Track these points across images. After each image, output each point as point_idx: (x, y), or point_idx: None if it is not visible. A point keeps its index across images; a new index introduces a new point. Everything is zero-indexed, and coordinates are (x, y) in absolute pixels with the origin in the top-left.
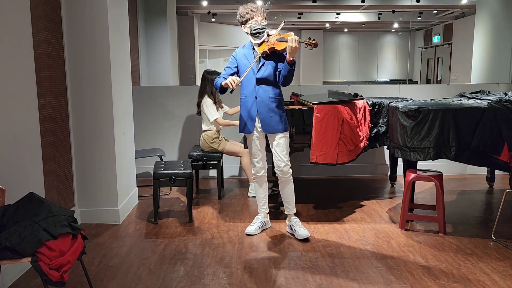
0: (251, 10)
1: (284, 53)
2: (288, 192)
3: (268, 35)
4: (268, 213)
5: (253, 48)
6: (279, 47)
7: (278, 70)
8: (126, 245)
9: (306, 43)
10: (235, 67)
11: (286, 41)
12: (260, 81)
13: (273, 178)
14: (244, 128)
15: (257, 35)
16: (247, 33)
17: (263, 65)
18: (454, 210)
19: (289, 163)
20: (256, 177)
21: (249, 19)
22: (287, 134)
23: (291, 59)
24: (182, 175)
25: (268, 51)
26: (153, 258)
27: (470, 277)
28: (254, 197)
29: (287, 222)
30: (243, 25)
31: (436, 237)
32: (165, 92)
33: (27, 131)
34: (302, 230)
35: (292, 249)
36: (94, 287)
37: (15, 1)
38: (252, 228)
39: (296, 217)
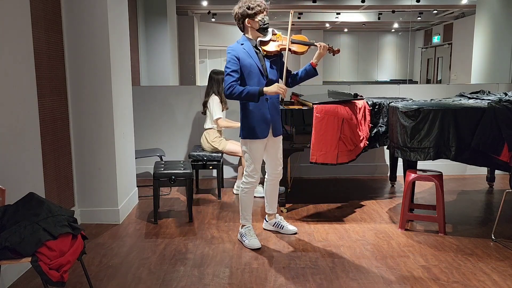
0: (263, 3)
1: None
2: (276, 193)
3: (274, 34)
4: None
5: (255, 46)
6: (299, 49)
7: (290, 72)
8: (126, 245)
9: (330, 51)
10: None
11: (305, 45)
12: (270, 83)
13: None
14: (259, 133)
15: (266, 31)
16: (249, 28)
17: (270, 65)
18: (454, 210)
19: None
20: (252, 187)
21: (259, 12)
22: None
23: (317, 64)
24: (182, 175)
25: (279, 51)
26: (153, 258)
27: (470, 277)
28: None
29: (271, 221)
30: (249, 18)
31: (436, 237)
32: (165, 92)
33: (27, 131)
34: (290, 226)
35: (292, 249)
36: (94, 287)
37: (15, 1)
38: (255, 240)
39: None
